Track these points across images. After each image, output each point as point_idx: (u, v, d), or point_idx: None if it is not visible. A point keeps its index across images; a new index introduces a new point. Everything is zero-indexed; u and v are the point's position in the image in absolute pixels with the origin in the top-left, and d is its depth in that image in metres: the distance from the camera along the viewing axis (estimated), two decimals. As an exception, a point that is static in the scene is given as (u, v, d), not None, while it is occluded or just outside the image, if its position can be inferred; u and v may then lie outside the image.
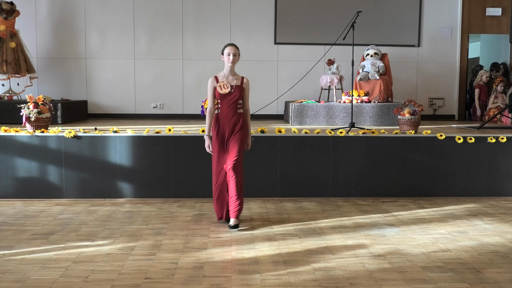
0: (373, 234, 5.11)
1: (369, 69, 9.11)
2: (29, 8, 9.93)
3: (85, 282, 3.77)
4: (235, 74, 5.23)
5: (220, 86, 5.08)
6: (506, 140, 6.67)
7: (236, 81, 5.16)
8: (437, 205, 6.35)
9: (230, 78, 5.16)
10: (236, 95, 5.12)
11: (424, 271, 4.04)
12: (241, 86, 5.19)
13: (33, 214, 5.85)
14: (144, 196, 6.61)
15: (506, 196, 6.74)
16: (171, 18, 10.14)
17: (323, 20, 10.12)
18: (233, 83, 5.13)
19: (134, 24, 10.14)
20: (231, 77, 5.18)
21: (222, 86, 5.07)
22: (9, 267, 4.08)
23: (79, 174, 6.57)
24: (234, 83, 5.14)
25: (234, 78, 5.18)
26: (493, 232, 5.17)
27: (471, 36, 10.80)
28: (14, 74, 9.39)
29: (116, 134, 6.61)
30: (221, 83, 5.09)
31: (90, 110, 10.19)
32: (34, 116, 6.62)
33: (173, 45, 10.20)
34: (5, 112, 8.28)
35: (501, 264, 4.23)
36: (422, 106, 7.29)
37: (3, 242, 4.74)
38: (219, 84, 5.09)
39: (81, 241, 4.79)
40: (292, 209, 6.16)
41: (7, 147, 6.52)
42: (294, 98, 9.69)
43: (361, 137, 6.77)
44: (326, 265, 4.18)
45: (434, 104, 10.49)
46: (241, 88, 5.18)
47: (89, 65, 10.20)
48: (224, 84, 5.08)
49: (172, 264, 4.16)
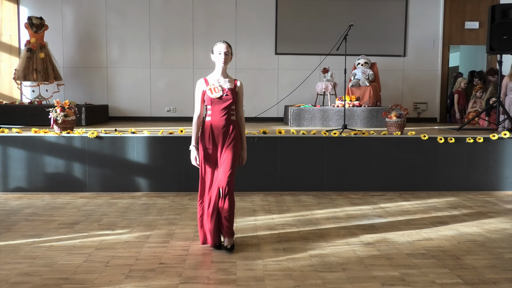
0: (363, 224, 5.10)
1: (360, 77, 9.13)
2: (56, 22, 9.94)
3: (106, 267, 3.77)
4: (227, 76, 4.19)
5: (210, 89, 4.07)
6: (483, 140, 6.66)
7: (229, 84, 4.14)
8: (420, 199, 6.32)
9: (222, 80, 4.15)
10: (229, 99, 4.08)
11: (409, 258, 4.02)
12: (234, 90, 4.15)
13: (60, 206, 5.85)
14: (159, 190, 6.60)
15: (483, 190, 6.71)
16: (182, 31, 10.15)
17: (318, 33, 10.12)
18: (226, 86, 4.11)
19: (150, 36, 10.14)
20: (223, 79, 4.16)
21: (213, 89, 4.06)
22: (39, 253, 4.09)
23: (100, 170, 6.55)
24: (226, 86, 4.11)
25: (226, 80, 4.15)
26: (471, 223, 5.14)
27: (451, 47, 10.80)
28: (43, 82, 9.40)
29: (134, 134, 6.60)
30: (212, 86, 4.08)
31: (110, 113, 10.20)
32: (61, 119, 6.63)
33: (184, 56, 10.21)
34: (35, 115, 8.28)
35: (478, 251, 4.21)
36: (407, 110, 7.30)
37: (33, 231, 4.76)
38: (209, 87, 4.08)
39: (103, 230, 4.80)
40: (291, 201, 6.14)
41: (37, 147, 6.51)
42: (292, 103, 9.70)
43: (352, 137, 6.74)
44: (321, 252, 4.17)
45: (418, 108, 10.49)
46: (234, 92, 4.14)
47: (110, 73, 10.19)
48: (216, 87, 4.07)
49: (183, 251, 4.16)
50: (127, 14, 10.11)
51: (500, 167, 6.73)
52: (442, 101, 10.59)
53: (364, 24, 9.91)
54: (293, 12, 10.21)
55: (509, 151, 6.71)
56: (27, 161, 6.50)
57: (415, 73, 10.45)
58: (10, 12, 9.99)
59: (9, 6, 9.97)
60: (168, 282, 3.46)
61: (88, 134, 6.52)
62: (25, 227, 4.85)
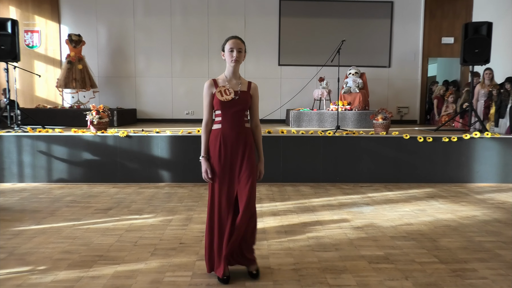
0: (353, 211, 5.08)
1: (351, 85, 9.12)
2: (92, 38, 10.00)
3: (134, 246, 3.79)
4: (239, 78, 3.08)
5: (220, 91, 2.97)
6: (456, 139, 6.62)
7: (241, 86, 3.03)
8: (402, 189, 6.30)
9: (234, 82, 3.04)
10: (242, 103, 2.99)
11: (392, 240, 4.02)
12: (248, 93, 3.05)
13: (96, 194, 5.87)
14: (179, 181, 6.60)
15: (456, 182, 6.68)
16: (199, 45, 10.19)
17: (315, 47, 10.14)
18: (238, 89, 3.01)
19: (171, 50, 10.18)
20: (235, 80, 3.05)
21: (224, 91, 2.96)
22: (78, 234, 4.12)
23: (130, 164, 6.58)
24: (238, 88, 3.02)
25: (238, 82, 3.05)
26: (446, 210, 5.12)
27: (430, 59, 10.75)
28: (81, 89, 9.48)
29: (158, 134, 6.61)
30: (222, 88, 2.98)
31: (138, 116, 10.25)
32: (96, 121, 6.66)
33: (200, 66, 10.26)
34: (75, 117, 8.34)
35: (452, 235, 4.20)
36: (391, 113, 7.28)
37: (73, 215, 4.78)
38: (219, 89, 2.98)
39: (132, 215, 4.82)
40: (292, 191, 6.14)
41: (76, 144, 6.55)
42: (293, 107, 9.70)
43: (344, 136, 6.72)
44: (317, 234, 4.17)
45: (401, 111, 10.47)
46: (247, 94, 3.04)
47: (137, 82, 10.24)
48: (226, 89, 2.97)
49: (200, 233, 4.16)
50: (152, 31, 10.14)
51: (471, 162, 6.70)
52: (421, 106, 10.56)
53: (354, 40, 9.94)
54: (293, 30, 10.22)
55: (479, 149, 6.68)
56: (68, 156, 6.54)
57: (399, 82, 10.42)
58: (53, 31, 10.07)
59: (52, 25, 10.04)
60: (187, 259, 3.48)
61: (119, 133, 6.56)
62: (66, 212, 4.89)
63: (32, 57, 10.07)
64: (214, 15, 10.15)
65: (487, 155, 6.69)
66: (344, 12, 10.20)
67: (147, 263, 3.39)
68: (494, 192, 6.19)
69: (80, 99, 9.80)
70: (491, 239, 4.08)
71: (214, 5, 10.14)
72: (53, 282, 3.04)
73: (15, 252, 3.62)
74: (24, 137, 6.52)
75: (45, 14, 10.01)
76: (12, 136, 6.51)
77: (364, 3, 10.20)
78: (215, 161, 3.03)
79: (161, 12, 10.12)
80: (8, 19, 7.06)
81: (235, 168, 3.01)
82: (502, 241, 4.02)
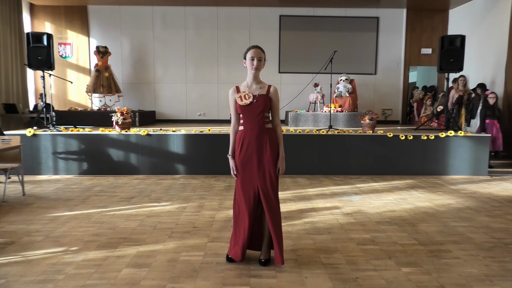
0: (343, 199, 5.08)
1: (342, 90, 9.09)
2: (117, 50, 10.01)
3: (154, 229, 3.81)
4: (260, 82, 2.96)
5: (240, 96, 2.89)
6: (434, 137, 6.62)
7: (260, 90, 2.91)
8: (386, 181, 6.29)
9: (254, 87, 2.93)
10: (260, 106, 2.87)
11: (377, 225, 4.02)
12: (266, 96, 2.91)
13: (120, 185, 5.90)
14: (192, 173, 6.61)
15: (433, 175, 6.67)
16: (209, 55, 10.17)
17: (311, 57, 10.10)
18: (257, 93, 2.90)
19: (186, 59, 10.17)
20: (255, 85, 2.93)
21: (243, 96, 2.88)
22: (105, 219, 4.14)
23: (150, 159, 6.59)
24: (258, 92, 2.90)
25: (258, 87, 2.93)
26: (424, 199, 5.12)
27: (411, 68, 10.68)
28: (107, 94, 9.48)
29: (174, 132, 6.62)
30: (242, 94, 2.90)
31: (157, 117, 10.24)
32: (120, 121, 6.66)
33: (211, 73, 10.23)
34: (102, 118, 8.34)
35: (430, 220, 4.20)
36: (377, 114, 7.26)
37: (101, 203, 4.80)
38: (239, 95, 2.89)
39: (151, 203, 4.83)
40: (290, 182, 6.14)
41: (103, 141, 6.57)
42: (291, 109, 9.66)
43: (336, 135, 6.71)
44: (312, 219, 4.17)
45: (386, 113, 10.43)
46: (266, 98, 2.90)
47: (156, 87, 10.24)
48: (246, 94, 2.89)
49: (211, 218, 4.18)
50: (169, 43, 10.13)
51: (446, 157, 6.68)
52: (403, 108, 10.50)
53: (345, 50, 9.90)
54: (292, 42, 10.18)
55: (453, 146, 6.66)
56: (96, 152, 6.56)
57: (383, 87, 10.37)
58: (83, 43, 10.08)
59: (82, 39, 10.05)
60: (200, 241, 3.49)
61: (141, 132, 6.56)
62: (95, 200, 4.92)
63: (65, 66, 10.08)
64: (222, 29, 10.13)
65: (460, 151, 6.67)
66: (336, 26, 10.17)
67: (165, 244, 3.40)
68: (466, 183, 6.18)
69: (106, 103, 9.82)
70: (464, 224, 4.07)
71: (223, 20, 10.12)
72: (84, 261, 3.06)
73: (51, 235, 3.64)
74: (58, 136, 6.54)
75: (76, 29, 10.01)
76: (48, 135, 6.54)
77: (354, 18, 10.17)
78: (238, 159, 2.94)
79: (177, 26, 10.10)
80: (44, 33, 7.07)
81: (255, 165, 2.89)
82: (473, 226, 4.02)
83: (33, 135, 6.49)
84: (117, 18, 10.03)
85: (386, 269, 2.93)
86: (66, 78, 9.90)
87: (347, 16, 10.15)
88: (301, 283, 2.69)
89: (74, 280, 2.71)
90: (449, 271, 2.92)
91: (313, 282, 2.70)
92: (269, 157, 2.89)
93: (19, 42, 9.17)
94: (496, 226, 4.00)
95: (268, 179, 2.89)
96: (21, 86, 9.28)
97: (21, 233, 3.69)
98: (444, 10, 10.17)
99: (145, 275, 2.79)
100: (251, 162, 2.90)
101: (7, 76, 8.75)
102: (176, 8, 10.04)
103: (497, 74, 8.26)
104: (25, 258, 3.09)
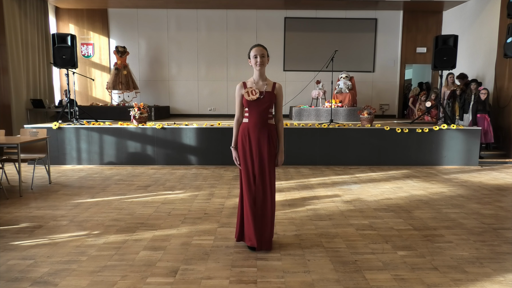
0: (344, 188, 5.05)
1: (342, 86, 8.98)
2: (134, 49, 9.97)
3: (168, 215, 3.81)
4: (266, 79, 2.88)
5: (247, 92, 2.81)
6: (428, 130, 6.57)
7: (266, 87, 2.84)
8: (384, 171, 6.25)
9: (260, 83, 2.86)
10: (266, 102, 2.81)
11: (375, 211, 3.99)
12: (272, 93, 2.84)
13: (138, 174, 5.91)
14: (204, 164, 6.61)
15: (427, 165, 6.61)
16: (220, 55, 10.10)
17: (313, 56, 9.99)
18: (263, 89, 2.83)
19: (198, 58, 10.12)
20: (261, 82, 2.86)
21: (250, 92, 2.80)
22: (124, 206, 4.16)
23: (165, 150, 6.59)
24: (264, 89, 2.83)
25: (264, 83, 2.85)
26: (419, 188, 5.07)
27: (407, 65, 10.55)
28: (125, 90, 9.48)
29: (187, 126, 6.61)
30: (249, 89, 2.81)
31: (171, 112, 10.23)
32: (138, 115, 6.68)
33: (221, 71, 10.16)
34: (121, 113, 8.36)
35: (424, 207, 4.15)
36: (375, 109, 7.19)
37: (120, 191, 4.82)
38: (246, 90, 2.81)
39: (166, 191, 4.84)
40: (294, 172, 6.12)
41: (122, 134, 6.58)
42: (295, 104, 9.61)
43: (337, 128, 6.66)
44: (314, 207, 4.15)
45: (383, 108, 10.31)
46: (272, 94, 2.84)
47: (170, 84, 10.21)
48: (253, 90, 2.80)
49: (220, 205, 4.17)
50: (182, 43, 10.08)
51: (439, 149, 6.60)
52: (399, 103, 10.38)
53: (345, 50, 9.79)
54: (296, 42, 10.07)
55: (445, 138, 6.58)
56: (116, 144, 6.58)
57: (381, 84, 10.25)
58: (104, 43, 10.06)
59: (103, 39, 10.04)
60: (210, 226, 3.48)
61: (156, 126, 6.56)
62: (114, 188, 4.94)
63: (87, 65, 10.09)
64: (232, 30, 10.04)
65: (452, 143, 6.58)
66: (337, 27, 10.04)
67: (179, 229, 3.40)
68: (458, 173, 6.10)
69: (125, 99, 9.82)
70: (456, 210, 4.02)
71: (232, 22, 10.04)
72: (105, 244, 3.06)
73: (75, 220, 3.66)
74: (81, 129, 6.56)
75: (98, 30, 9.99)
76: (72, 128, 6.56)
77: (353, 20, 10.03)
78: (240, 150, 2.88)
79: (189, 28, 10.04)
80: (68, 34, 7.06)
81: (256, 156, 2.82)
82: (464, 212, 3.97)
83: (58, 128, 6.52)
84: (135, 20, 9.99)
85: (383, 253, 2.90)
86: (88, 75, 9.92)
87: (347, 18, 10.02)
88: (304, 265, 2.67)
89: (96, 261, 2.72)
90: (442, 254, 2.88)
91: (315, 264, 2.68)
92: (268, 149, 2.82)
93: (45, 43, 9.18)
94: (486, 213, 3.95)
95: (267, 170, 2.83)
96: (47, 83, 9.31)
97: (48, 218, 3.71)
98: (438, 12, 10.00)
99: (160, 257, 2.79)
100: (251, 153, 2.84)
101: (34, 74, 8.77)
102: (189, 11, 9.97)
103: (487, 71, 8.11)
104: (51, 241, 3.11)
